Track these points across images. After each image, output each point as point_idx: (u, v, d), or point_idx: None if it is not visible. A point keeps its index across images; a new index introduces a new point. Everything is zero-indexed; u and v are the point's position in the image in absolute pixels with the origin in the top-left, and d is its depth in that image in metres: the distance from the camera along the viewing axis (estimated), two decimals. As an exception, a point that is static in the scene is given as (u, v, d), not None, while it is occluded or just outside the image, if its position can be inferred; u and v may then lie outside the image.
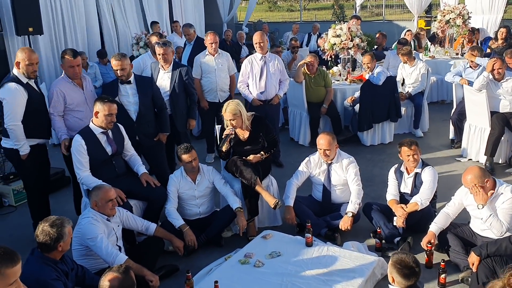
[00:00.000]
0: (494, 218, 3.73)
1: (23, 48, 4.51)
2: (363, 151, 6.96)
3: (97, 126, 4.31)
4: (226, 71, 6.51)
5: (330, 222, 4.61)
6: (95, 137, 4.30)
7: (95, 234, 3.63)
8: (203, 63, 6.43)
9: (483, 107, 6.00)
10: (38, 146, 4.63)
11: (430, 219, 4.23)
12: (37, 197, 4.75)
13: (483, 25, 11.93)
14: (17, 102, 4.33)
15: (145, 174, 4.55)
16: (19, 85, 4.34)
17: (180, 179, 4.60)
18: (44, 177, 4.78)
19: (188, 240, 4.32)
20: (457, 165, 6.31)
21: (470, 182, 3.76)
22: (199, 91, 6.52)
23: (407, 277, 2.83)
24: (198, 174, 4.63)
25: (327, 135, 4.58)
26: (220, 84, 6.48)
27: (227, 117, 4.68)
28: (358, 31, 7.71)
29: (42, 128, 4.64)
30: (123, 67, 4.72)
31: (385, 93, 7.04)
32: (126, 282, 2.66)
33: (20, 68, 4.38)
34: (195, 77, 6.49)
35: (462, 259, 3.91)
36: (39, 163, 4.66)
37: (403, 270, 2.83)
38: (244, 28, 14.80)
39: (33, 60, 4.40)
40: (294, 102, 7.48)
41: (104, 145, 4.35)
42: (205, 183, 4.65)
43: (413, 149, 4.39)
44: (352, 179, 4.58)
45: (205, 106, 6.57)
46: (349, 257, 3.93)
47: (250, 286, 3.64)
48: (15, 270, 2.39)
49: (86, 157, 4.26)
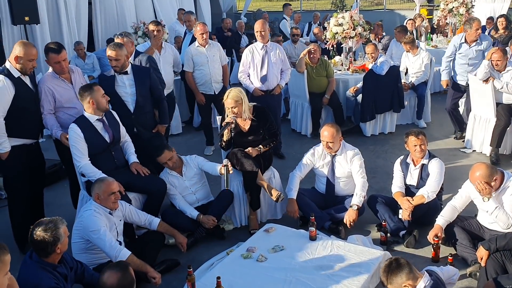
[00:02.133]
0: (500, 210, 3.67)
1: (24, 43, 4.24)
2: (366, 142, 6.85)
3: (91, 114, 4.19)
4: (218, 62, 6.40)
5: (333, 215, 4.52)
6: (91, 125, 4.19)
7: (97, 227, 3.53)
8: (195, 56, 6.28)
9: (489, 97, 5.88)
10: (25, 147, 4.29)
11: (437, 212, 4.14)
12: (18, 199, 4.37)
13: (491, 13, 11.74)
14: (0, 97, 4.01)
15: (135, 163, 4.45)
16: (8, 79, 4.06)
17: (168, 176, 4.59)
18: (32, 177, 4.42)
19: (210, 225, 4.37)
20: (462, 157, 6.22)
21: (478, 180, 3.65)
22: (192, 85, 6.42)
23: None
24: (182, 166, 4.62)
25: (331, 127, 4.47)
26: (214, 75, 6.36)
27: (228, 105, 4.57)
28: (361, 20, 7.57)
29: (30, 128, 4.32)
30: (117, 58, 4.59)
31: (388, 83, 6.93)
32: (125, 279, 2.56)
33: (18, 63, 4.11)
34: (187, 71, 6.38)
35: (469, 253, 3.83)
36: (22, 164, 4.27)
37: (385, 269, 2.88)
38: (242, 18, 14.58)
39: (34, 55, 4.18)
40: (296, 93, 7.36)
41: (101, 132, 4.24)
42: (191, 171, 4.66)
43: (421, 138, 4.28)
44: (357, 171, 4.48)
45: (201, 100, 6.45)
46: (354, 251, 3.84)
47: (253, 281, 3.55)
48: (9, 257, 2.37)
49: (85, 145, 4.14)
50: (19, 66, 4.13)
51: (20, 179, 4.33)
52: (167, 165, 4.54)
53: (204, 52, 6.28)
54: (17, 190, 4.37)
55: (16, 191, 4.38)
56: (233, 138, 4.74)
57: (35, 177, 4.50)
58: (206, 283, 3.51)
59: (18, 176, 4.31)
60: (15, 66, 4.14)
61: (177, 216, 4.46)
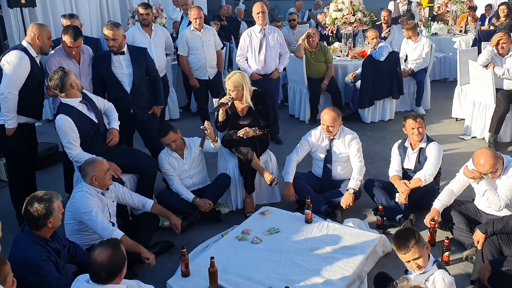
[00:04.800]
0: (491, 192, 3.67)
1: (39, 24, 4.39)
2: (364, 128, 6.80)
3: (73, 98, 4.06)
4: (213, 47, 6.33)
5: (330, 199, 4.49)
6: (76, 110, 4.07)
7: (90, 208, 3.49)
8: (190, 40, 6.21)
9: (489, 83, 5.83)
10: (26, 126, 4.41)
11: (434, 196, 4.11)
12: (19, 176, 4.53)
13: (491, 1, 11.61)
14: (20, 71, 4.14)
15: (113, 129, 4.35)
16: (27, 56, 4.17)
17: (168, 156, 4.53)
18: (28, 157, 4.56)
19: (206, 209, 4.36)
20: (461, 143, 6.17)
21: (483, 168, 3.62)
22: (187, 69, 6.36)
23: (397, 246, 2.82)
24: (184, 148, 4.56)
25: (332, 111, 4.42)
26: (209, 60, 6.30)
27: (228, 86, 4.52)
28: (361, 5, 7.47)
29: (35, 107, 4.43)
30: (115, 37, 4.51)
31: (387, 69, 6.86)
32: (116, 256, 2.52)
33: (39, 42, 4.23)
34: (182, 55, 6.32)
35: (466, 237, 3.80)
36: (23, 142, 4.41)
37: (395, 239, 2.85)
38: (241, 5, 14.45)
39: (50, 34, 4.38)
40: (294, 78, 7.29)
41: (88, 114, 4.16)
42: (192, 155, 4.61)
43: (419, 121, 4.23)
44: (354, 155, 4.44)
45: (196, 85, 6.40)
46: (349, 234, 3.82)
47: (247, 262, 3.53)
48: None
49: (76, 133, 4.06)
50: (39, 45, 4.24)
51: (23, 157, 4.45)
52: (170, 146, 4.45)
53: (199, 35, 6.21)
54: (19, 168, 4.48)
55: (18, 169, 4.49)
56: (229, 120, 4.69)
57: (30, 158, 4.55)
58: (200, 264, 3.49)
59: (21, 154, 4.42)
60: (36, 44, 4.24)
61: (172, 198, 4.43)
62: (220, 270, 3.31)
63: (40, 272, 2.83)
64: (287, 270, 3.43)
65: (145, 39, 6.11)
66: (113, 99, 4.59)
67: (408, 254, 2.79)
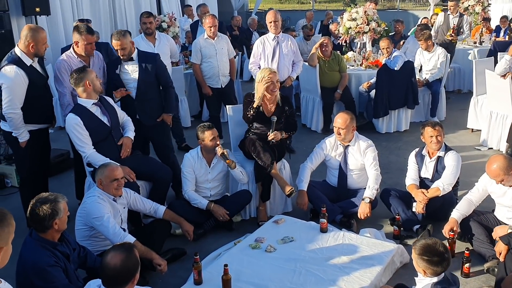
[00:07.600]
0: None
1: (32, 28, 4.23)
2: (379, 138, 6.69)
3: (87, 98, 4.05)
4: (226, 55, 6.33)
5: (345, 208, 4.38)
6: (88, 111, 4.06)
7: (101, 213, 3.43)
8: (203, 48, 6.21)
9: (506, 93, 5.73)
10: (40, 131, 4.41)
11: (452, 206, 3.99)
12: (30, 181, 4.49)
13: (507, 12, 11.55)
14: (17, 88, 4.07)
15: (126, 138, 4.29)
16: (21, 68, 4.08)
17: (196, 159, 4.41)
18: (42, 160, 4.54)
19: (220, 215, 4.26)
20: (477, 154, 6.06)
21: (496, 173, 3.52)
22: (200, 77, 6.34)
23: (438, 264, 2.62)
24: (214, 156, 4.44)
25: (345, 114, 4.36)
26: (222, 68, 6.29)
27: (270, 79, 4.40)
28: (375, 15, 7.43)
29: (44, 114, 4.41)
30: (123, 46, 4.49)
31: (402, 78, 6.78)
32: (129, 260, 2.44)
33: (32, 49, 4.12)
34: (195, 63, 6.30)
35: (487, 248, 3.68)
36: (39, 146, 4.42)
37: (432, 258, 2.63)
38: (253, 16, 14.51)
39: (45, 38, 4.26)
40: (307, 87, 7.24)
41: (100, 117, 4.13)
42: (219, 167, 4.48)
43: (437, 129, 4.14)
44: (370, 164, 4.34)
45: (208, 93, 6.37)
46: (366, 244, 3.71)
47: (261, 271, 3.43)
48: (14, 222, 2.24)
49: (86, 132, 4.02)
50: (33, 51, 4.14)
51: (34, 162, 4.41)
52: (213, 142, 4.30)
53: (213, 43, 6.19)
54: (31, 173, 4.45)
55: (29, 174, 4.45)
56: (255, 119, 4.58)
57: (42, 162, 4.53)
58: (212, 272, 3.40)
59: (32, 159, 4.39)
60: (29, 52, 4.14)
61: (183, 209, 4.30)
62: (233, 278, 3.22)
63: (47, 278, 2.76)
64: (302, 279, 3.33)
65: (149, 48, 6.02)
66: (120, 103, 4.58)
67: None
